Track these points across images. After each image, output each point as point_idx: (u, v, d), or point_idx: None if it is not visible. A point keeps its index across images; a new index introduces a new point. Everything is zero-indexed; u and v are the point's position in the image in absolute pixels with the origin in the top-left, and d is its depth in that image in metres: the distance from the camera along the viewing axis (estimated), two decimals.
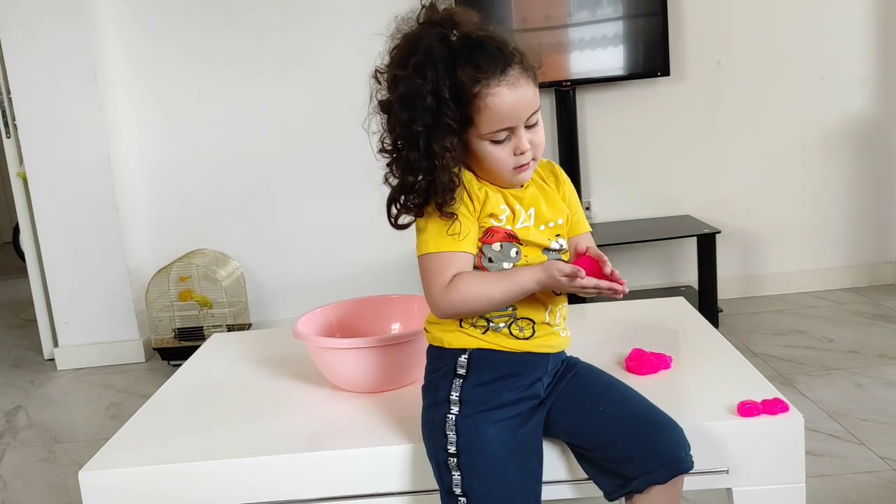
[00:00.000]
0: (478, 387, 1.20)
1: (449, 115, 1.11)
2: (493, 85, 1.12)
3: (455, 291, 1.16)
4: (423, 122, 1.12)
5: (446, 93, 1.11)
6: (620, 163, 3.19)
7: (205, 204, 3.21)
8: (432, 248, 1.17)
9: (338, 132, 3.16)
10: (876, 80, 3.15)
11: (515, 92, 1.13)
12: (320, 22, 3.11)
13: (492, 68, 1.12)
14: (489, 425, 1.18)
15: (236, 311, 3.09)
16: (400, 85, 1.13)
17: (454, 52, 1.13)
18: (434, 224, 1.17)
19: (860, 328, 2.80)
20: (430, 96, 1.11)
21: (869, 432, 2.02)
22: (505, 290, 1.17)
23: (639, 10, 3.01)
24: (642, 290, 3.19)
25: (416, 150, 1.13)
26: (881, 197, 3.23)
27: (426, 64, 1.11)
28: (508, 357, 1.21)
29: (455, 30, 1.14)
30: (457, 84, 1.11)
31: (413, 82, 1.11)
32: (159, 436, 1.42)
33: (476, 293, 1.16)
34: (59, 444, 2.42)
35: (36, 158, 3.00)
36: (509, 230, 1.20)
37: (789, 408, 1.27)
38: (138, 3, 3.08)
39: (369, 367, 1.47)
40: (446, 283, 1.16)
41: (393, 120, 1.16)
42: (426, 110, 1.11)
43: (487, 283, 1.17)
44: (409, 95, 1.12)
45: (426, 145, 1.12)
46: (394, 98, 1.15)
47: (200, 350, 1.86)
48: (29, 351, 3.37)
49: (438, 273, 1.17)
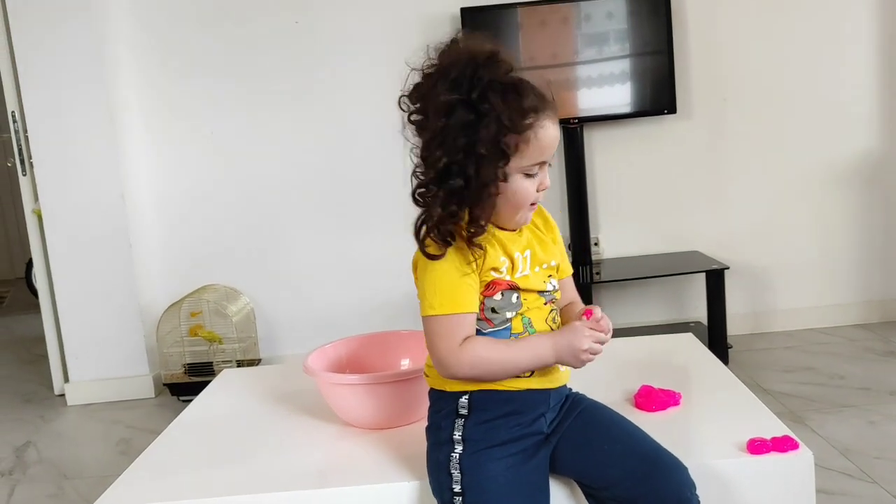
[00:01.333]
0: (480, 425, 1.21)
1: (508, 143, 1.13)
2: (542, 118, 1.16)
3: (469, 355, 1.17)
4: (482, 148, 1.12)
5: (506, 120, 1.13)
6: (628, 199, 3.21)
7: (216, 240, 3.24)
8: (438, 310, 1.17)
9: (348, 169, 3.20)
10: (881, 116, 3.17)
11: (555, 128, 1.18)
12: (333, 61, 3.16)
13: (543, 103, 1.17)
14: (492, 462, 1.18)
15: (246, 346, 3.10)
16: (458, 110, 1.13)
17: (512, 83, 1.15)
18: (439, 283, 1.18)
19: (871, 365, 2.78)
20: (494, 124, 1.12)
21: (881, 470, 2.00)
22: (522, 357, 1.19)
23: (645, 48, 3.06)
24: (651, 325, 3.19)
25: (464, 177, 1.13)
26: (890, 233, 3.23)
27: (490, 91, 1.12)
28: (509, 395, 1.21)
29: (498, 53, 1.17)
30: (515, 113, 1.13)
31: (479, 108, 1.12)
32: (169, 472, 1.42)
33: (491, 358, 1.18)
34: (68, 479, 2.42)
35: (51, 195, 3.05)
36: (510, 281, 1.21)
37: (799, 445, 1.27)
38: (154, 43, 3.15)
39: (379, 403, 1.47)
40: (458, 345, 1.17)
41: (442, 145, 1.13)
42: (488, 138, 1.12)
43: (502, 349, 1.19)
44: (470, 122, 1.12)
45: (475, 173, 1.13)
46: (450, 123, 1.13)
47: (210, 386, 1.87)
48: (40, 386, 3.38)
49: (448, 335, 1.17)
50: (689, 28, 3.12)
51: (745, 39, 3.14)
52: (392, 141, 3.18)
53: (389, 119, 3.15)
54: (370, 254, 3.20)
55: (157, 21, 3.13)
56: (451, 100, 1.12)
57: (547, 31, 3.04)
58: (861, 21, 3.13)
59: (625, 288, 3.19)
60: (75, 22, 2.94)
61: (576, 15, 3.03)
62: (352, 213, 3.23)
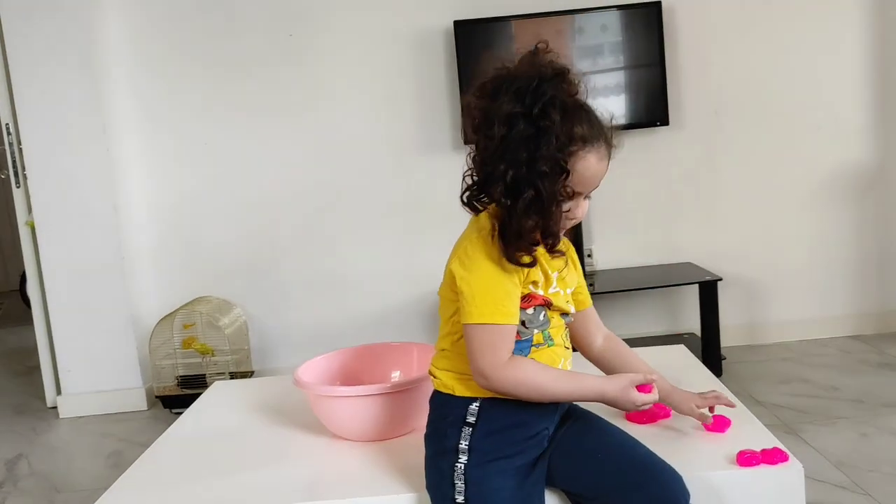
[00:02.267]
0: (487, 436, 1.20)
1: (565, 160, 1.12)
2: (588, 150, 1.15)
3: (518, 374, 1.17)
4: (544, 165, 1.11)
5: (565, 137, 1.12)
6: (622, 211, 3.22)
7: (209, 252, 3.24)
8: (486, 319, 1.15)
9: (341, 182, 3.20)
10: (873, 128, 3.19)
11: (600, 163, 1.17)
12: (327, 73, 3.17)
13: (594, 133, 1.15)
14: (498, 475, 1.18)
15: (239, 358, 3.09)
16: (520, 123, 1.11)
17: (573, 105, 1.14)
18: (492, 290, 1.16)
19: (865, 377, 2.78)
20: (555, 140, 1.11)
21: (874, 483, 1.99)
22: (570, 396, 1.22)
23: (638, 61, 3.07)
24: (645, 337, 3.19)
25: (535, 189, 1.12)
26: (884, 244, 3.24)
27: (551, 107, 1.11)
28: (519, 405, 1.21)
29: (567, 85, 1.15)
30: (564, 136, 1.12)
31: (539, 123, 1.11)
32: (158, 486, 1.41)
33: (538, 381, 1.18)
34: (59, 493, 2.41)
35: (44, 208, 3.05)
36: (544, 297, 1.22)
37: (789, 457, 1.27)
38: (148, 55, 3.16)
39: (369, 415, 1.47)
40: (504, 360, 1.16)
41: (504, 158, 1.12)
42: (548, 155, 1.11)
43: (550, 383, 1.19)
44: (530, 136, 1.11)
45: (544, 187, 1.12)
46: (511, 135, 1.11)
47: (201, 398, 1.87)
48: (32, 399, 3.37)
49: (493, 347, 1.16)
50: (680, 41, 3.13)
51: (737, 53, 3.15)
52: (385, 154, 3.20)
53: (383, 132, 3.19)
54: (363, 266, 3.20)
55: (150, 33, 3.14)
56: (513, 111, 1.11)
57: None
58: (852, 34, 3.15)
59: (618, 299, 3.19)
60: (69, 34, 2.94)
61: (570, 28, 3.05)
62: (344, 226, 3.23)
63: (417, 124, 3.17)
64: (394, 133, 3.19)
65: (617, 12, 3.04)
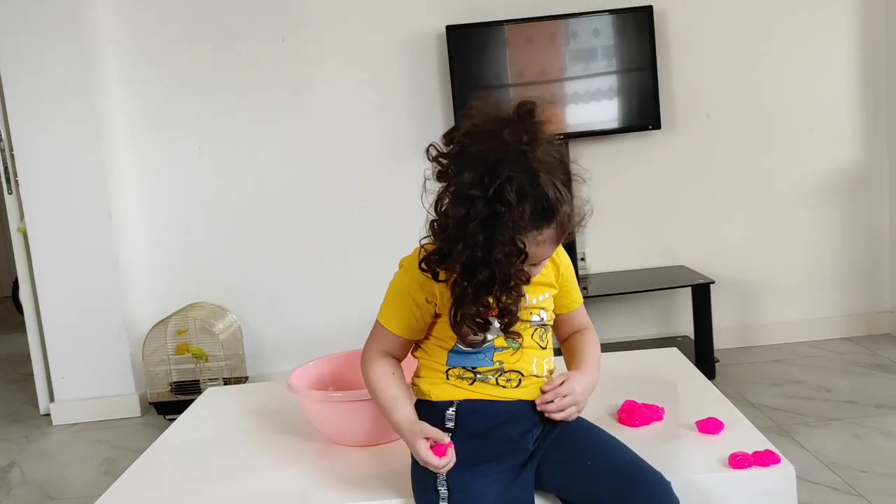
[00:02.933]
0: (467, 440, 1.21)
1: (522, 242, 1.10)
2: (543, 232, 1.12)
3: (367, 368, 1.29)
4: (499, 252, 1.09)
5: (521, 221, 1.09)
6: (614, 214, 3.22)
7: (203, 258, 3.24)
8: (379, 318, 1.29)
9: (336, 189, 3.20)
10: (864, 131, 3.21)
11: (551, 246, 1.17)
12: (320, 79, 3.17)
13: (551, 214, 1.11)
14: (481, 479, 1.18)
15: (233, 364, 3.08)
16: (477, 204, 1.08)
17: (530, 181, 1.09)
18: (392, 297, 1.27)
19: (858, 378, 2.79)
20: (511, 224, 1.08)
21: (867, 484, 2.00)
22: (383, 407, 1.27)
23: (630, 65, 3.08)
24: (638, 340, 3.19)
25: (490, 269, 1.10)
26: (874, 247, 3.26)
27: (506, 190, 1.07)
28: (497, 406, 1.22)
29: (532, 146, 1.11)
30: (523, 218, 1.09)
31: (495, 207, 1.08)
32: (150, 492, 1.41)
33: (370, 385, 1.29)
34: (52, 500, 2.40)
35: (37, 214, 3.04)
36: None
37: (781, 459, 1.27)
38: (141, 61, 3.15)
39: (361, 420, 1.47)
40: (374, 353, 1.30)
41: (462, 238, 1.10)
42: (504, 240, 1.09)
43: (379, 388, 1.27)
44: (486, 219, 1.08)
45: (498, 269, 1.10)
46: (469, 215, 1.09)
47: (194, 405, 1.86)
48: (25, 406, 3.36)
49: (373, 338, 1.31)
50: (672, 45, 3.15)
51: (728, 56, 3.17)
52: (379, 158, 3.20)
53: (376, 137, 3.20)
54: (357, 272, 3.20)
55: (144, 39, 3.14)
56: (471, 194, 1.08)
57: (534, 48, 3.06)
58: (842, 37, 3.16)
59: (611, 303, 3.20)
60: (61, 40, 2.94)
61: (563, 32, 3.06)
62: (339, 231, 3.23)
63: (411, 129, 3.18)
64: (387, 138, 3.19)
65: (609, 16, 3.06)
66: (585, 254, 3.23)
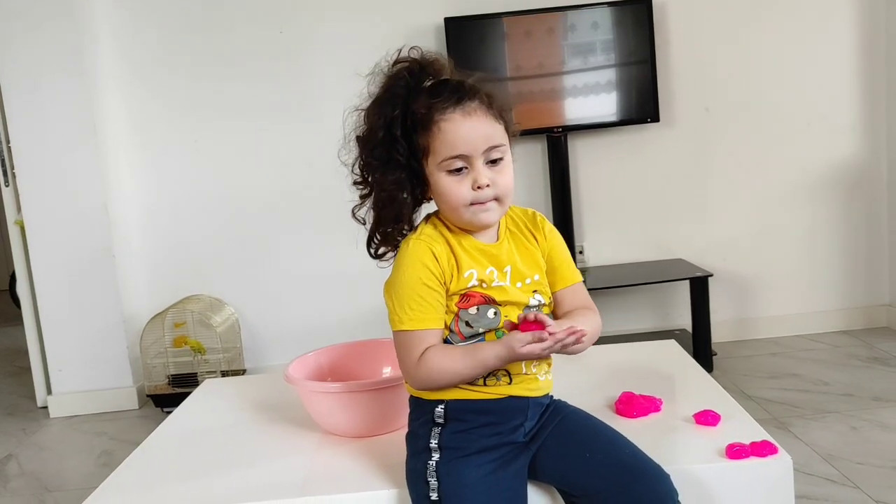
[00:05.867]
0: (456, 434, 1.21)
1: (399, 150, 1.18)
2: (447, 111, 1.17)
3: (424, 367, 1.18)
4: (376, 158, 1.20)
5: (398, 129, 1.18)
6: (612, 207, 3.22)
7: (200, 250, 3.23)
8: (406, 326, 1.20)
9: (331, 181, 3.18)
10: (862, 125, 3.20)
11: (469, 120, 1.17)
12: (318, 71, 3.16)
13: (447, 97, 1.17)
14: (469, 469, 1.18)
15: (231, 356, 3.08)
16: (364, 122, 1.22)
17: (414, 88, 1.19)
18: (406, 297, 1.20)
19: (855, 371, 2.79)
20: (383, 131, 1.18)
21: (864, 476, 2.01)
22: (468, 366, 1.17)
23: (629, 58, 3.08)
24: (636, 333, 3.20)
25: (368, 184, 1.23)
26: (872, 240, 3.26)
27: (386, 102, 1.19)
28: (486, 405, 1.21)
29: (430, 75, 1.21)
30: (413, 115, 1.18)
31: (371, 120, 1.20)
32: (147, 484, 1.41)
33: (442, 369, 1.18)
34: (50, 492, 2.40)
35: (34, 206, 3.03)
36: (485, 294, 1.20)
37: (778, 450, 1.27)
38: (138, 53, 3.14)
39: (359, 411, 1.47)
40: (417, 359, 1.19)
41: (357, 155, 1.23)
42: (379, 145, 1.19)
43: (452, 360, 1.18)
44: (367, 132, 1.21)
45: (381, 179, 1.20)
46: (358, 134, 1.23)
47: (192, 396, 1.86)
48: (22, 399, 3.36)
49: (409, 349, 1.20)
50: (671, 38, 3.14)
51: (727, 50, 3.16)
52: None
53: None
54: (354, 264, 3.16)
55: (140, 31, 3.13)
56: (361, 112, 1.23)
57: (532, 41, 3.05)
58: (841, 31, 3.16)
59: (610, 296, 3.19)
60: (57, 32, 2.93)
61: (561, 25, 3.05)
62: (336, 223, 3.21)
63: None
64: None
65: (608, 9, 3.05)
66: (583, 247, 3.23)
